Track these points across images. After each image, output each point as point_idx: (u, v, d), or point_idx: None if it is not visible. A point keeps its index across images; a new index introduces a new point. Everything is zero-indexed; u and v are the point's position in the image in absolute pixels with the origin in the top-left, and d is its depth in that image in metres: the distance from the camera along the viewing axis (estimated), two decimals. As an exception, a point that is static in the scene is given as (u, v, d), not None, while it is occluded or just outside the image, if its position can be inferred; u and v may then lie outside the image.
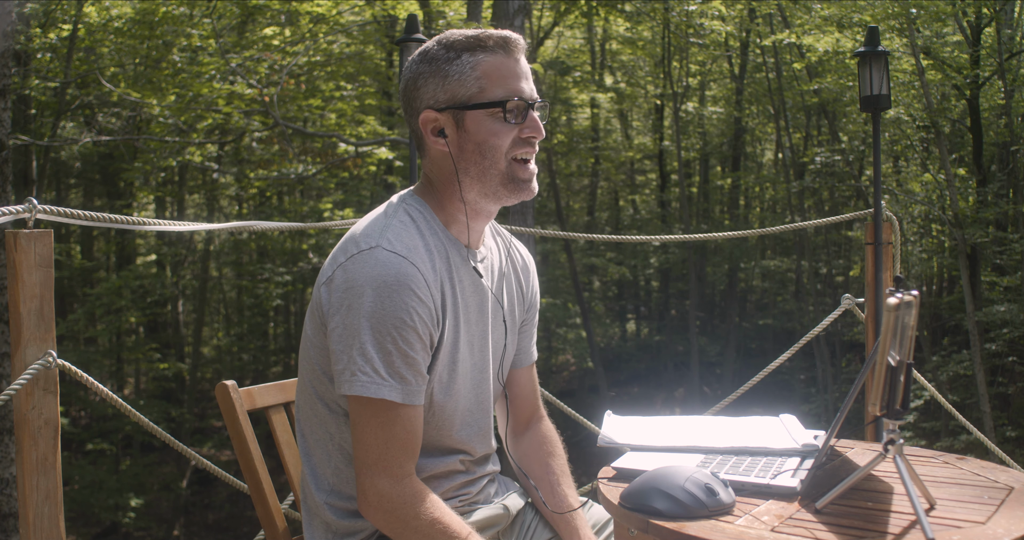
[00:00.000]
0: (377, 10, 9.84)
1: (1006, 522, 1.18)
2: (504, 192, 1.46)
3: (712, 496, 1.23)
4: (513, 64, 1.44)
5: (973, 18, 9.76)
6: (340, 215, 12.09)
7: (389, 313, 1.33)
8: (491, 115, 1.42)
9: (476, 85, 1.42)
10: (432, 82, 1.44)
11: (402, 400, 1.35)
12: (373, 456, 1.35)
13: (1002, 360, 10.34)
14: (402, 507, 1.35)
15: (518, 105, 1.43)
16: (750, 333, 18.19)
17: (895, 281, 1.20)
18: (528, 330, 1.70)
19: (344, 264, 1.37)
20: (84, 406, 13.62)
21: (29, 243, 1.80)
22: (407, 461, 1.37)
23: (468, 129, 1.43)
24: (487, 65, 1.42)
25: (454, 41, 1.44)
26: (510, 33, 1.45)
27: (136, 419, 2.23)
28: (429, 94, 1.45)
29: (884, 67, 2.96)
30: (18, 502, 1.83)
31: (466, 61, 1.42)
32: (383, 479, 1.35)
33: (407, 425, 1.36)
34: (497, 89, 1.42)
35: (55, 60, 9.83)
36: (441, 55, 1.44)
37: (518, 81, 1.44)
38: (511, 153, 1.45)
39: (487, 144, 1.43)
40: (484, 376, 1.55)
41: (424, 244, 1.42)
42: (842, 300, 3.19)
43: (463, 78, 1.42)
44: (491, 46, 1.43)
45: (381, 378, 1.33)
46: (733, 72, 16.65)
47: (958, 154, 11.65)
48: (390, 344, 1.33)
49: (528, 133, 1.45)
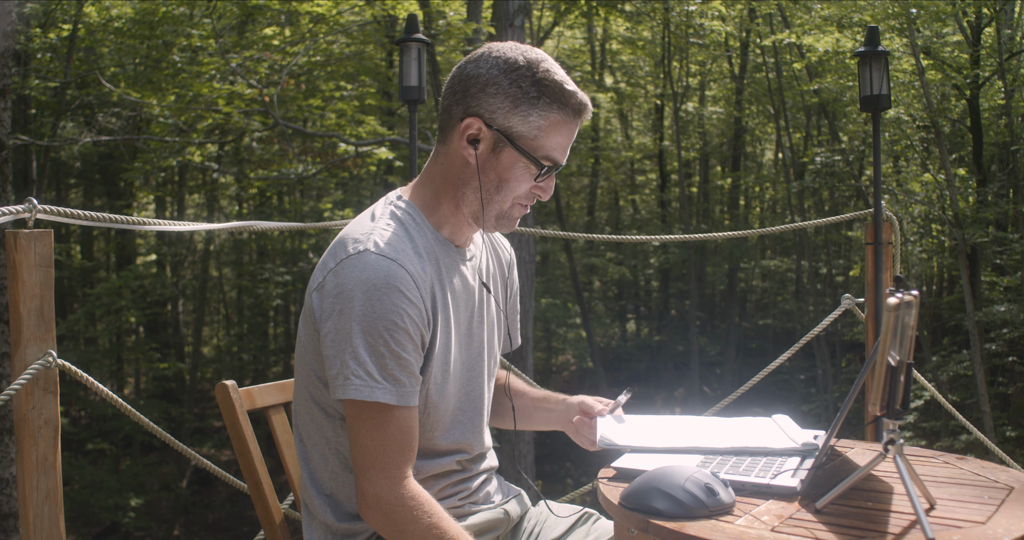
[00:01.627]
0: (377, 10, 9.84)
1: (1006, 522, 1.18)
2: (492, 223, 1.50)
3: (712, 496, 1.23)
4: (573, 130, 1.48)
5: (973, 18, 9.76)
6: (340, 215, 12.10)
7: (380, 315, 1.34)
8: (526, 165, 1.45)
9: (535, 132, 1.44)
10: (500, 99, 1.43)
11: (396, 402, 1.35)
12: (370, 459, 1.36)
13: (1002, 360, 10.34)
14: (399, 510, 1.35)
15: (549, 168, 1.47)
16: (750, 333, 18.20)
17: (895, 281, 1.20)
18: (514, 322, 1.73)
19: (334, 269, 1.38)
20: (84, 406, 13.62)
21: (29, 243, 1.80)
22: (404, 463, 1.37)
23: (500, 160, 1.45)
24: (555, 122, 1.44)
25: (546, 80, 1.43)
26: (588, 102, 1.48)
27: (136, 419, 2.23)
28: (491, 106, 1.44)
29: (884, 67, 2.96)
30: (18, 502, 1.83)
31: (543, 106, 1.43)
32: (381, 481, 1.36)
33: (402, 426, 1.37)
34: (547, 147, 1.45)
35: (55, 60, 9.83)
36: (527, 84, 1.43)
37: (565, 149, 1.47)
38: (519, 199, 1.49)
39: (507, 184, 1.46)
40: (475, 374, 1.55)
41: (413, 246, 1.43)
42: (842, 300, 3.19)
43: (528, 118, 1.43)
44: (570, 106, 1.44)
45: (375, 381, 1.34)
46: (733, 72, 16.65)
47: (958, 154, 11.65)
48: (382, 346, 1.34)
49: (539, 191, 1.50)
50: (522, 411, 1.77)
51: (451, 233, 1.51)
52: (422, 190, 1.52)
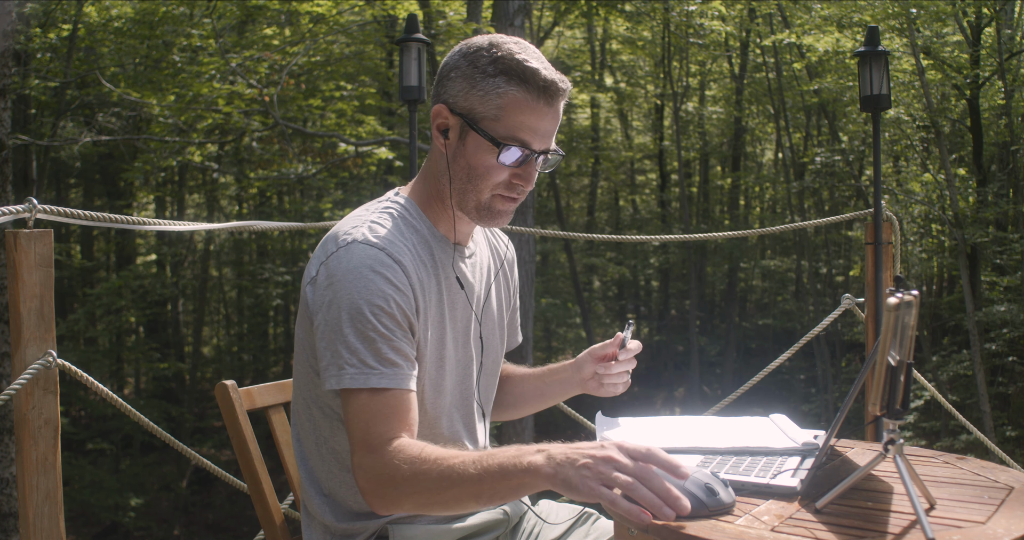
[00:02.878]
0: (377, 10, 9.84)
1: (1006, 522, 1.18)
2: (475, 216, 1.46)
3: (712, 496, 1.23)
4: (542, 110, 1.39)
5: (973, 18, 9.76)
6: (340, 215, 12.08)
7: (365, 300, 1.32)
8: (490, 147, 1.39)
9: (494, 112, 1.38)
10: (460, 82, 1.41)
11: (392, 385, 1.31)
12: (356, 438, 1.31)
13: (1002, 360, 10.34)
14: (383, 468, 1.27)
15: (523, 153, 1.40)
16: (750, 333, 18.20)
17: (895, 281, 1.20)
18: (514, 318, 1.72)
19: (325, 262, 1.38)
20: (84, 406, 13.62)
21: (29, 243, 1.80)
22: (388, 431, 1.30)
23: (467, 146, 1.42)
24: (516, 100, 1.37)
25: (503, 58, 1.38)
26: (560, 79, 1.39)
27: (136, 419, 2.23)
28: (453, 90, 1.42)
29: (884, 67, 2.96)
30: (18, 502, 1.83)
31: (498, 83, 1.37)
32: (365, 456, 1.30)
33: (394, 405, 1.31)
34: (508, 127, 1.38)
35: (55, 60, 9.83)
36: (483, 63, 1.39)
37: (535, 130, 1.39)
38: (497, 189, 1.43)
39: (475, 172, 1.41)
40: (468, 372, 1.55)
41: (405, 239, 1.42)
42: (842, 300, 3.19)
43: (486, 97, 1.38)
44: (532, 82, 1.37)
45: (369, 367, 1.31)
46: (733, 72, 16.65)
47: (958, 154, 11.66)
48: (371, 331, 1.32)
49: (518, 180, 1.42)
50: (534, 392, 1.74)
51: (447, 229, 1.51)
52: (419, 187, 1.51)
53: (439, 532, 1.46)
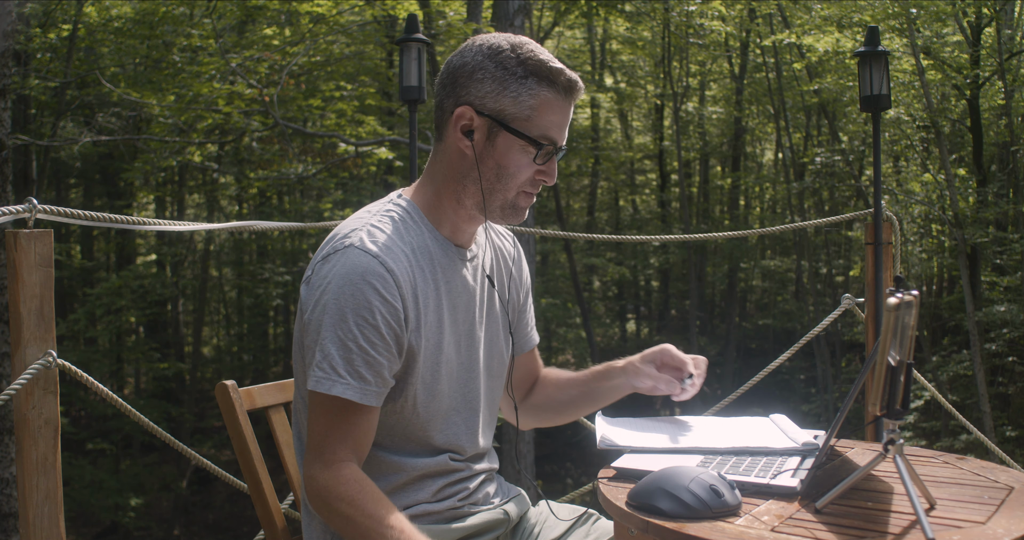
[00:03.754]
0: (377, 10, 9.84)
1: (1006, 522, 1.18)
2: (499, 214, 1.48)
3: (717, 498, 1.23)
4: (567, 109, 1.46)
5: (973, 18, 9.76)
6: (340, 215, 12.09)
7: (351, 310, 1.35)
8: (522, 147, 1.43)
9: (527, 112, 1.42)
10: (488, 83, 1.43)
11: (357, 399, 1.35)
12: (313, 444, 1.37)
13: (1002, 360, 10.35)
14: (325, 490, 1.34)
15: (548, 150, 1.45)
16: (750, 333, 18.20)
17: (895, 281, 1.20)
18: (525, 317, 1.71)
19: (320, 263, 1.40)
20: (84, 406, 13.62)
21: (29, 243, 1.80)
22: (343, 449, 1.36)
23: (497, 146, 1.44)
24: (546, 100, 1.43)
25: (530, 59, 1.42)
26: (579, 79, 1.46)
27: (136, 419, 2.22)
28: (479, 91, 1.43)
29: (884, 67, 2.96)
30: (18, 502, 1.83)
31: (532, 85, 1.42)
32: (316, 465, 1.36)
33: (353, 420, 1.36)
34: (542, 127, 1.43)
35: (55, 60, 9.84)
36: (512, 65, 1.42)
37: (562, 128, 1.45)
38: (524, 187, 1.47)
39: (507, 171, 1.45)
40: (472, 375, 1.54)
41: (403, 245, 1.42)
42: (842, 300, 3.19)
43: (519, 99, 1.42)
44: (559, 83, 1.43)
45: (338, 375, 1.34)
46: (733, 72, 16.65)
47: (958, 154, 11.66)
48: (351, 341, 1.34)
49: (542, 177, 1.47)
50: (582, 397, 1.73)
51: (451, 232, 1.51)
52: (423, 189, 1.51)
53: (439, 532, 1.46)
